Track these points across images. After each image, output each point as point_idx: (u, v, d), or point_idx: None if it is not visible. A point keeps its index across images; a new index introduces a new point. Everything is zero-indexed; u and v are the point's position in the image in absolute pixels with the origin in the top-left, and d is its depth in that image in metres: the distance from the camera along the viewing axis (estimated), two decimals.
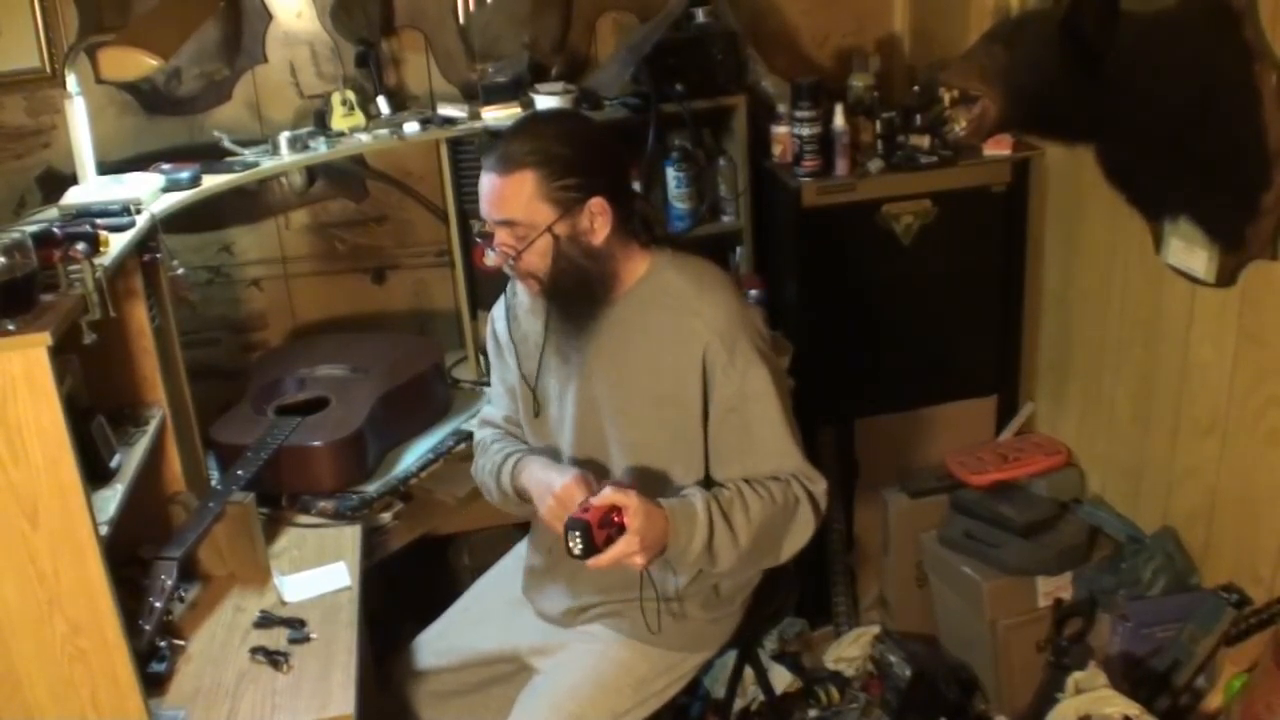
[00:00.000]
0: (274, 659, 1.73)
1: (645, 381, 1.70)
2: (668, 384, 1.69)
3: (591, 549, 1.51)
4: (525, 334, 1.81)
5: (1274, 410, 2.01)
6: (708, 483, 1.72)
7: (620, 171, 1.76)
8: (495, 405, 1.96)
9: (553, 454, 1.83)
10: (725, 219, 2.75)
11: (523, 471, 1.77)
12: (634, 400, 1.71)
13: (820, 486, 1.71)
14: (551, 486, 1.66)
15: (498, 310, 1.89)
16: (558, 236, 1.62)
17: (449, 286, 2.82)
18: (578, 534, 1.50)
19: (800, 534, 1.71)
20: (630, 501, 1.53)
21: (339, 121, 2.47)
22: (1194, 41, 1.92)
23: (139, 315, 1.94)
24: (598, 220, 1.64)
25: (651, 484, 1.68)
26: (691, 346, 1.66)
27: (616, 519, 1.52)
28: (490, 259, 1.69)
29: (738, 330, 1.67)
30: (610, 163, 1.70)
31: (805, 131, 2.52)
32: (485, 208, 1.65)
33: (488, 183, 1.63)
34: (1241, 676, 1.99)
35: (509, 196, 1.61)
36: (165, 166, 2.21)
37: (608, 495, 1.54)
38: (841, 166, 2.56)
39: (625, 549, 1.53)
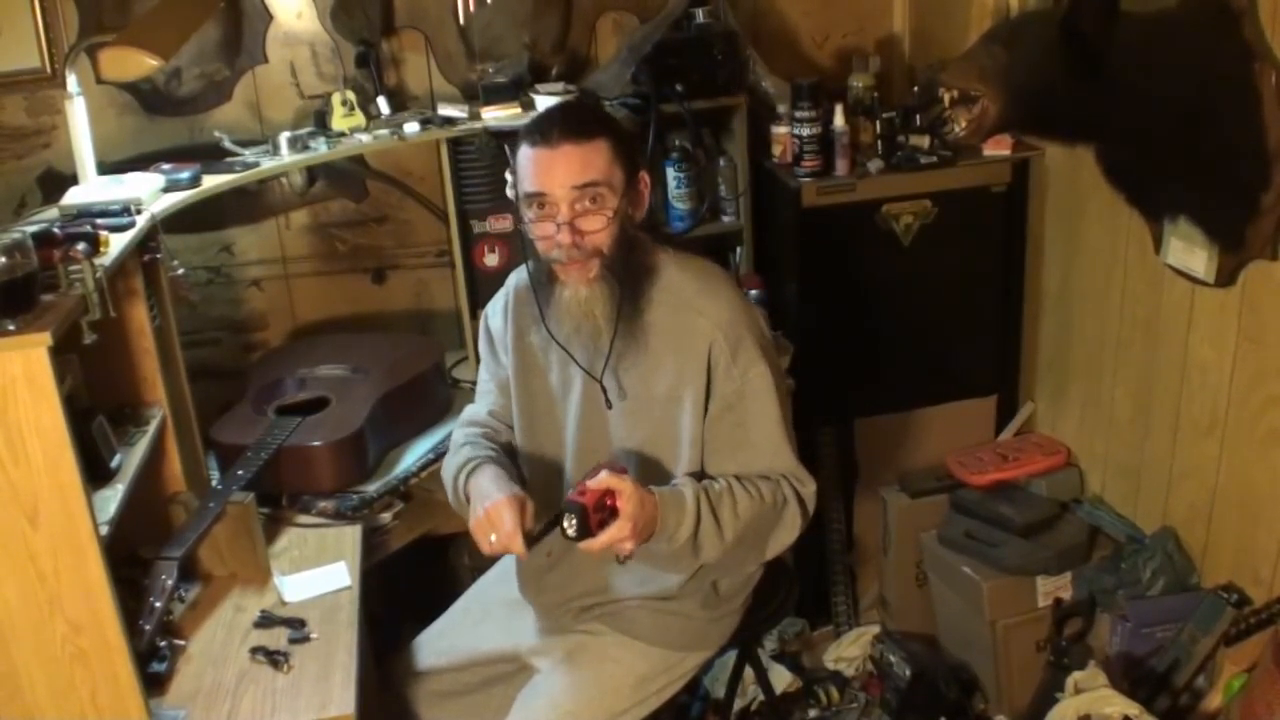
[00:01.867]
0: (274, 659, 1.73)
1: (650, 378, 1.70)
2: (672, 381, 1.69)
3: (585, 531, 1.53)
4: (568, 336, 1.72)
5: (1274, 410, 2.01)
6: (701, 475, 1.72)
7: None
8: (481, 401, 1.94)
9: (540, 454, 1.83)
10: (725, 219, 2.75)
11: (473, 478, 1.76)
12: (637, 397, 1.71)
13: (809, 489, 1.72)
14: (486, 500, 1.66)
15: (493, 307, 1.89)
16: (624, 200, 1.64)
17: (449, 286, 2.82)
18: (573, 516, 1.52)
19: (786, 533, 1.72)
20: (625, 487, 1.54)
21: (339, 122, 2.47)
22: (1194, 41, 1.92)
23: (139, 315, 1.94)
24: (643, 195, 1.69)
25: (646, 475, 1.68)
26: (696, 344, 1.67)
27: (610, 503, 1.55)
28: (561, 236, 1.62)
29: (742, 329, 1.68)
30: (639, 147, 1.73)
31: (805, 131, 2.52)
32: (565, 175, 1.59)
33: (566, 152, 1.60)
34: (1241, 676, 1.99)
35: (592, 159, 1.61)
36: (165, 166, 2.21)
37: (604, 480, 1.55)
38: (841, 166, 2.56)
39: (617, 534, 1.54)
